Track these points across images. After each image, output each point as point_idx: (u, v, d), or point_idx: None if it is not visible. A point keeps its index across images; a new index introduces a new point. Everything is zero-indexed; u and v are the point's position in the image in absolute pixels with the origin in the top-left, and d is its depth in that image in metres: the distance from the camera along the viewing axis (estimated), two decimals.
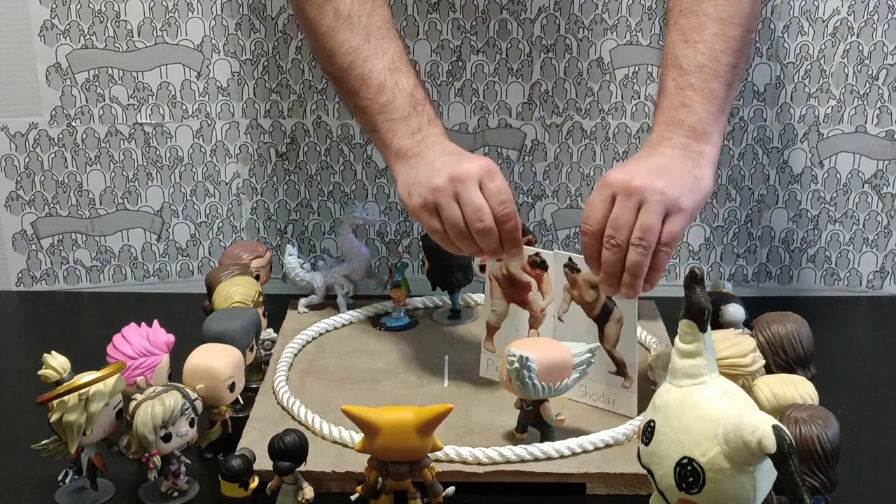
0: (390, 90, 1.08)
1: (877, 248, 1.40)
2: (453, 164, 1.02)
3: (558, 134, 1.38)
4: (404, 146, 1.07)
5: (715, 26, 1.05)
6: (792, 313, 1.03)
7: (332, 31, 1.10)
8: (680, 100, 1.04)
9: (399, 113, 1.08)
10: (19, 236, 1.41)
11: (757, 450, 0.72)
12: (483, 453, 0.96)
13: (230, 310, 1.09)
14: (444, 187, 1.01)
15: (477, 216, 0.99)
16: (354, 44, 1.09)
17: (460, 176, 1.00)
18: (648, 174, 0.97)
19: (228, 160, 1.41)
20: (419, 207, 1.03)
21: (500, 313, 1.11)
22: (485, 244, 1.01)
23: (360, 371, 1.15)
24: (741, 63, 1.08)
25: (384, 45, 1.10)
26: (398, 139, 1.07)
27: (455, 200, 1.00)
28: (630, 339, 1.04)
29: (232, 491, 0.91)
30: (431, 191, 1.01)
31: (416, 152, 1.06)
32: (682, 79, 1.04)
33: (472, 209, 1.00)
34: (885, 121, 1.35)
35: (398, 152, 1.07)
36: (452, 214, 1.00)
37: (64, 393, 0.89)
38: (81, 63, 1.35)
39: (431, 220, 1.02)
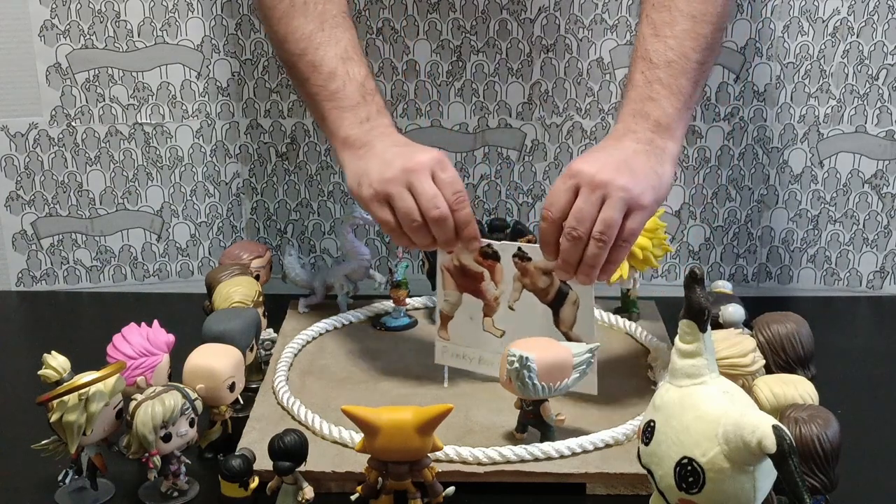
0: (341, 78, 1.08)
1: (877, 248, 1.40)
2: (405, 156, 1.02)
3: (558, 134, 1.38)
4: (352, 135, 1.07)
5: (686, 23, 1.06)
6: (792, 313, 1.03)
7: (288, 17, 1.11)
8: (647, 93, 1.04)
9: (348, 101, 1.08)
10: (19, 236, 1.41)
11: (757, 450, 0.72)
12: (483, 453, 0.96)
13: (230, 310, 1.09)
14: (396, 178, 1.01)
15: (432, 204, 0.99)
16: (308, 30, 1.10)
17: (413, 167, 1.00)
18: (613, 169, 0.98)
19: (228, 160, 1.41)
20: (370, 199, 1.02)
21: (452, 303, 1.11)
22: (440, 234, 1.01)
23: (360, 371, 1.15)
24: (709, 61, 1.09)
25: (338, 34, 1.10)
26: (346, 127, 1.07)
27: (408, 191, 1.00)
28: (588, 320, 1.05)
29: (232, 491, 0.91)
30: (383, 182, 1.01)
31: (365, 142, 1.06)
32: (651, 72, 1.05)
33: (426, 198, 0.99)
34: (885, 121, 1.35)
35: (346, 141, 1.07)
36: (406, 205, 1.00)
37: (64, 393, 0.89)
38: (81, 63, 1.35)
39: (382, 211, 1.02)
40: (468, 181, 1.40)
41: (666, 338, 1.20)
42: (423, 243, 1.03)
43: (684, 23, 1.06)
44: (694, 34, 1.06)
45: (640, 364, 1.16)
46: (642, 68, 1.05)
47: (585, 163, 0.99)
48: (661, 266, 1.38)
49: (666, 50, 1.05)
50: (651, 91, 1.04)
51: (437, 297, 1.13)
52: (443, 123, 1.38)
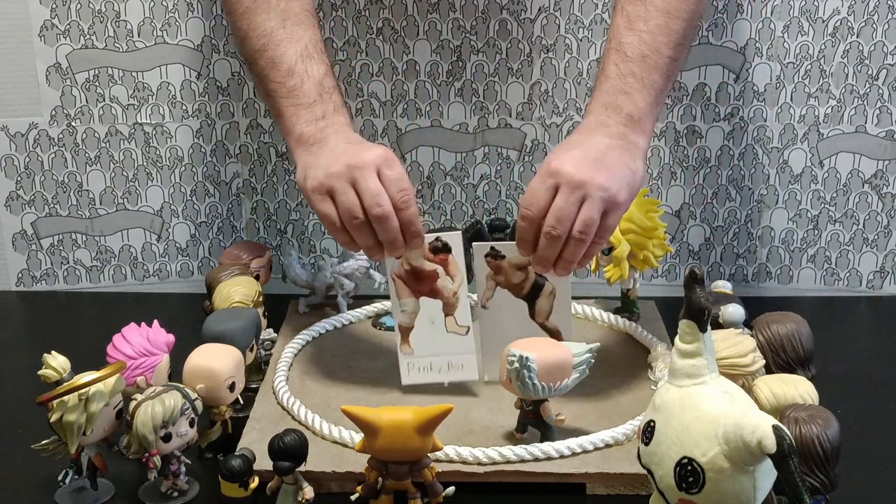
0: (299, 76, 1.08)
1: (877, 248, 1.40)
2: (352, 152, 1.02)
3: (558, 134, 1.38)
4: (306, 132, 1.07)
5: (660, 18, 1.06)
6: (792, 313, 1.03)
7: (250, 13, 1.11)
8: (621, 86, 1.05)
9: (305, 99, 1.08)
10: (19, 236, 1.41)
11: (757, 450, 0.72)
12: (483, 453, 0.96)
13: (230, 310, 1.09)
14: (340, 172, 1.00)
15: (375, 201, 0.98)
16: (269, 27, 1.10)
17: (358, 163, 1.00)
18: (591, 167, 0.98)
19: (228, 160, 1.41)
20: (312, 190, 1.02)
21: (410, 311, 1.09)
22: (383, 233, 1.00)
23: (360, 371, 1.15)
24: (681, 57, 1.10)
25: (299, 32, 1.10)
26: (301, 125, 1.07)
27: (351, 186, 0.99)
28: (565, 308, 1.06)
29: (232, 491, 0.91)
30: (328, 175, 1.00)
31: (318, 139, 1.06)
32: (625, 65, 1.05)
33: (369, 195, 0.99)
34: (885, 121, 1.35)
35: (300, 138, 1.07)
36: (348, 200, 0.99)
37: (64, 393, 0.89)
38: (81, 63, 1.35)
39: (324, 204, 1.01)
40: (468, 181, 1.40)
41: (666, 338, 1.20)
42: (365, 243, 1.01)
43: (658, 18, 1.06)
44: (667, 29, 1.06)
45: (640, 364, 1.16)
46: (616, 60, 1.06)
47: (563, 161, 0.99)
48: (661, 266, 1.38)
49: (640, 44, 1.06)
50: (624, 84, 1.05)
51: (393, 310, 1.11)
52: (443, 123, 1.38)
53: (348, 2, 1.34)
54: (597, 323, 1.27)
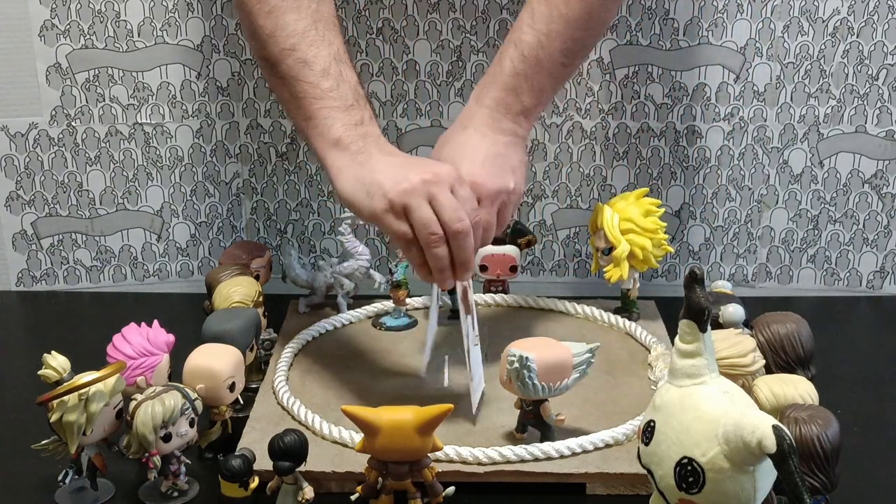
0: (334, 77, 1.04)
1: (877, 248, 1.40)
2: (422, 166, 0.99)
3: (558, 134, 1.38)
4: (346, 137, 1.01)
5: (561, 24, 1.07)
6: (792, 313, 1.03)
7: (279, 11, 1.06)
8: (513, 84, 1.07)
9: (342, 101, 1.03)
10: (19, 236, 1.41)
11: (757, 450, 0.72)
12: (483, 453, 0.96)
13: (230, 310, 1.09)
14: (416, 188, 0.96)
15: (457, 216, 0.96)
16: (301, 27, 1.05)
17: (433, 178, 0.97)
18: (503, 174, 1.04)
19: (228, 160, 1.41)
20: (383, 210, 0.97)
21: None
22: (460, 250, 0.97)
23: (360, 371, 1.15)
24: (574, 64, 1.12)
25: (330, 36, 1.07)
26: (339, 128, 1.02)
27: (428, 203, 0.96)
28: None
29: (232, 491, 0.91)
30: (401, 192, 0.96)
31: (361, 148, 1.01)
32: (521, 64, 1.07)
33: (451, 210, 0.96)
34: (885, 121, 1.35)
35: (338, 142, 1.01)
36: (426, 215, 0.96)
37: (64, 393, 0.89)
38: (81, 63, 1.35)
39: (398, 223, 0.97)
40: None
41: (666, 338, 1.20)
42: (439, 264, 0.98)
43: (560, 24, 1.07)
44: (567, 38, 1.08)
45: (640, 364, 1.16)
46: (512, 56, 1.08)
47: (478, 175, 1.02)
48: (661, 266, 1.38)
49: (538, 46, 1.07)
50: (516, 83, 1.07)
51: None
52: (443, 123, 1.38)
53: (348, 2, 1.34)
54: (597, 323, 1.27)
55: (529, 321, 1.26)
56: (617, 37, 1.34)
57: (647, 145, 1.38)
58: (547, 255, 1.43)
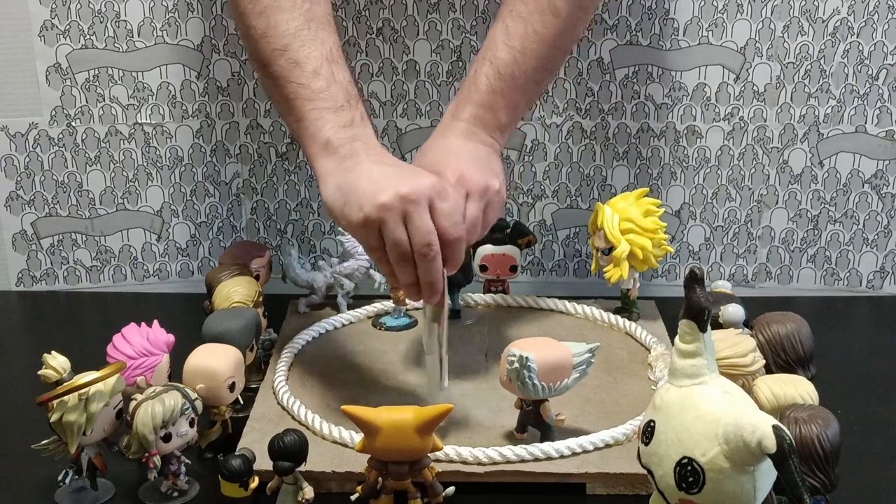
0: (325, 78, 1.02)
1: (877, 248, 1.40)
2: (402, 179, 0.96)
3: (558, 134, 1.38)
4: (335, 139, 1.00)
5: (535, 42, 1.07)
6: (792, 313, 1.03)
7: (271, 11, 1.04)
8: (490, 101, 1.08)
9: (332, 102, 1.01)
10: (19, 236, 1.41)
11: (757, 450, 0.72)
12: (483, 453, 0.96)
13: (230, 310, 1.09)
14: (392, 204, 0.93)
15: (426, 240, 0.94)
16: (293, 27, 1.04)
17: (410, 194, 0.94)
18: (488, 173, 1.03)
19: (228, 160, 1.41)
20: (358, 223, 0.95)
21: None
22: (425, 270, 0.95)
23: (360, 371, 1.15)
24: (546, 80, 1.13)
25: (323, 35, 1.05)
26: (328, 129, 1.00)
27: (402, 221, 0.94)
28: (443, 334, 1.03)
29: (232, 491, 0.91)
30: (377, 207, 0.94)
31: (350, 151, 0.99)
32: (496, 82, 1.07)
33: (422, 233, 0.94)
34: (885, 121, 1.35)
35: (327, 144, 1.00)
36: (397, 235, 0.94)
37: (64, 393, 0.89)
38: (81, 63, 1.35)
39: (370, 236, 0.96)
40: None
41: (666, 338, 1.20)
42: (406, 280, 0.97)
43: (534, 42, 1.07)
44: (539, 55, 1.08)
45: (640, 364, 1.16)
46: (488, 73, 1.08)
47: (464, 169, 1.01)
48: (661, 266, 1.38)
49: (512, 63, 1.07)
50: (493, 100, 1.08)
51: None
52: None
53: (348, 2, 1.34)
54: (597, 323, 1.27)
55: (529, 321, 1.26)
56: (617, 37, 1.34)
57: (647, 145, 1.38)
58: (547, 255, 1.43)
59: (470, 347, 1.20)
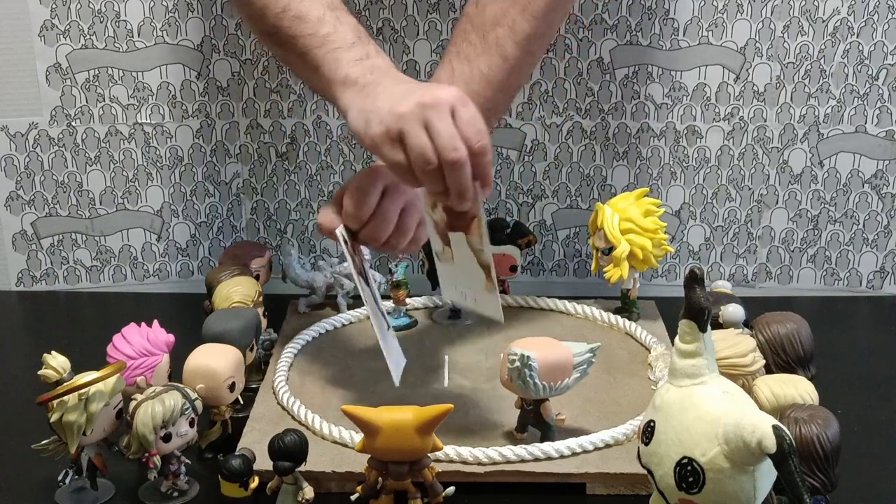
0: (331, 23, 1.00)
1: (877, 248, 1.40)
2: (421, 90, 0.93)
3: (558, 134, 1.38)
4: (352, 73, 0.97)
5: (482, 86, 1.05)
6: (792, 313, 1.03)
7: None
8: None
9: (343, 42, 0.99)
10: (19, 236, 1.41)
11: (757, 450, 0.72)
12: (483, 453, 0.96)
13: (230, 310, 1.09)
14: (411, 112, 0.90)
15: (452, 144, 0.89)
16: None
17: (430, 102, 0.90)
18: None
19: (228, 160, 1.41)
20: (380, 137, 0.91)
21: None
22: (455, 179, 0.90)
23: (360, 371, 1.15)
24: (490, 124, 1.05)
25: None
26: (344, 67, 0.98)
27: (424, 128, 0.90)
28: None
29: (232, 491, 0.91)
30: (397, 117, 0.90)
31: (369, 80, 0.97)
32: None
33: (446, 137, 0.89)
34: (885, 121, 1.35)
35: (345, 80, 0.97)
36: (421, 143, 0.89)
37: (64, 393, 0.89)
38: (81, 63, 1.35)
39: (394, 151, 0.91)
40: None
41: (666, 338, 1.20)
42: (434, 188, 0.92)
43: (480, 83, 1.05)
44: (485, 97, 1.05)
45: (641, 364, 1.16)
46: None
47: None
48: (661, 266, 1.38)
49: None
50: None
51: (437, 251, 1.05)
52: None
53: (348, 2, 1.33)
54: (597, 323, 1.27)
55: (529, 321, 1.26)
56: (617, 37, 1.34)
57: (647, 145, 1.38)
58: (547, 255, 1.43)
59: (470, 347, 1.20)
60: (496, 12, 1.06)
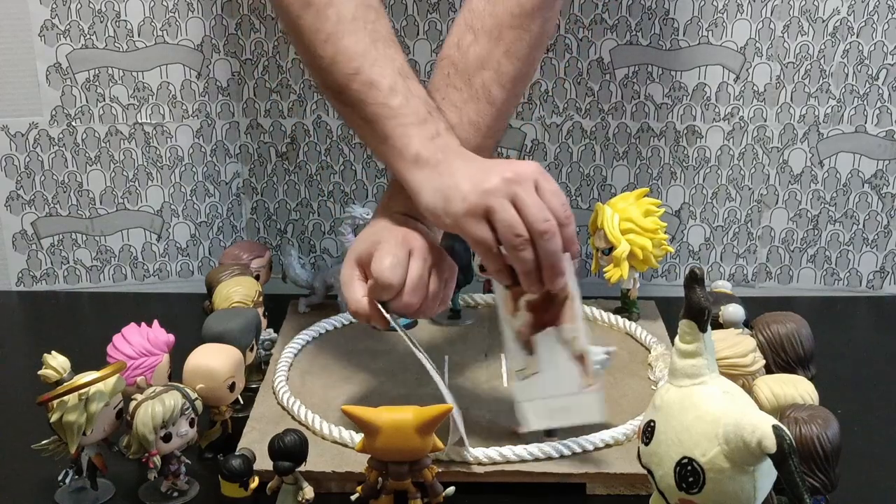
0: (403, 93, 0.98)
1: (877, 248, 1.40)
2: (500, 166, 0.93)
3: (558, 134, 1.38)
4: (424, 153, 0.96)
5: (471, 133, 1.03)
6: (792, 313, 1.03)
7: (336, 37, 1.00)
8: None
9: (414, 117, 0.98)
10: (19, 236, 1.41)
11: (757, 450, 0.72)
12: (483, 453, 0.96)
13: (230, 310, 1.09)
14: (497, 189, 0.91)
15: (542, 216, 0.90)
16: (361, 48, 1.00)
17: (515, 177, 0.91)
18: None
19: (228, 160, 1.41)
20: (463, 214, 0.92)
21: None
22: (546, 250, 0.91)
23: (360, 371, 1.15)
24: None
25: (391, 53, 1.01)
26: (416, 145, 0.96)
27: (511, 203, 0.91)
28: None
29: (232, 491, 0.91)
30: (482, 193, 0.91)
31: (441, 160, 0.96)
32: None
33: (535, 209, 0.90)
34: (885, 121, 1.35)
35: (417, 159, 0.96)
36: (510, 216, 0.90)
37: (64, 393, 0.89)
38: (81, 63, 1.35)
39: (479, 227, 0.91)
40: None
41: (666, 338, 1.20)
42: (525, 267, 0.92)
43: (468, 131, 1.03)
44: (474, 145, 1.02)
45: (641, 364, 1.16)
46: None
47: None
48: (661, 266, 1.38)
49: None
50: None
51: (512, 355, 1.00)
52: None
53: None
54: (597, 323, 1.27)
55: None
56: (617, 37, 1.34)
57: (647, 145, 1.38)
58: None
59: (470, 347, 1.20)
60: (480, 54, 1.04)
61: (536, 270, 0.92)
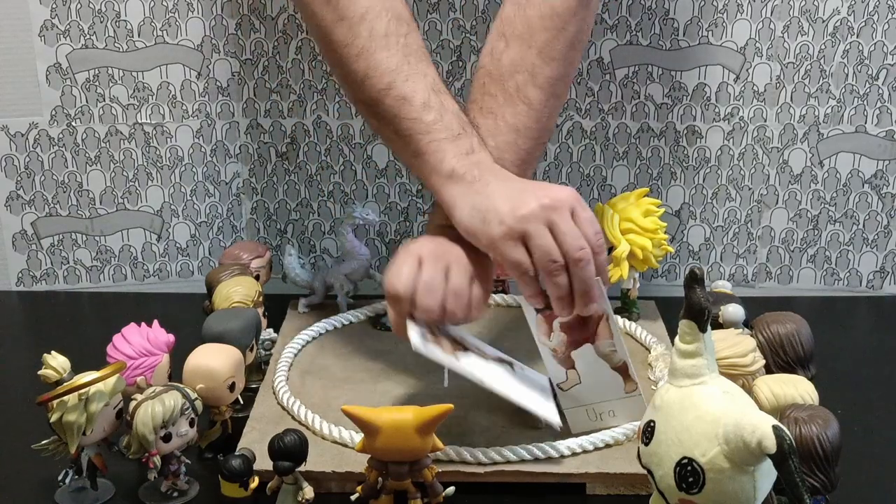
0: (436, 109, 0.99)
1: (877, 248, 1.40)
2: (536, 189, 0.95)
3: (558, 134, 1.38)
4: (459, 168, 0.97)
5: (510, 134, 1.04)
6: (792, 313, 1.03)
7: (368, 52, 1.01)
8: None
9: (448, 132, 0.99)
10: (19, 236, 1.41)
11: (757, 450, 0.72)
12: (483, 453, 0.96)
13: (230, 310, 1.09)
14: (534, 215, 0.92)
15: (577, 244, 0.92)
16: (393, 63, 1.00)
17: (552, 204, 0.93)
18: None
19: (228, 160, 1.41)
20: (500, 237, 0.93)
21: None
22: (580, 277, 0.93)
23: (360, 371, 1.15)
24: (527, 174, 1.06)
25: (423, 67, 1.02)
26: (450, 160, 0.98)
27: (548, 228, 0.92)
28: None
29: (232, 491, 0.91)
30: (519, 219, 0.93)
31: (476, 176, 0.97)
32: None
33: (571, 237, 0.92)
34: (885, 121, 1.35)
35: (451, 174, 0.97)
36: (546, 243, 0.92)
37: (64, 393, 0.89)
38: (81, 63, 1.35)
39: (516, 250, 0.93)
40: None
41: (666, 338, 1.20)
42: (559, 293, 0.94)
43: (508, 134, 1.04)
44: (515, 147, 1.04)
45: (641, 364, 1.16)
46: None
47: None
48: (661, 266, 1.38)
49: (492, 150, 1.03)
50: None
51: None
52: None
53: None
54: None
55: None
56: (617, 37, 1.34)
57: (647, 145, 1.38)
58: None
59: None
60: (513, 59, 1.05)
61: (569, 296, 0.94)
